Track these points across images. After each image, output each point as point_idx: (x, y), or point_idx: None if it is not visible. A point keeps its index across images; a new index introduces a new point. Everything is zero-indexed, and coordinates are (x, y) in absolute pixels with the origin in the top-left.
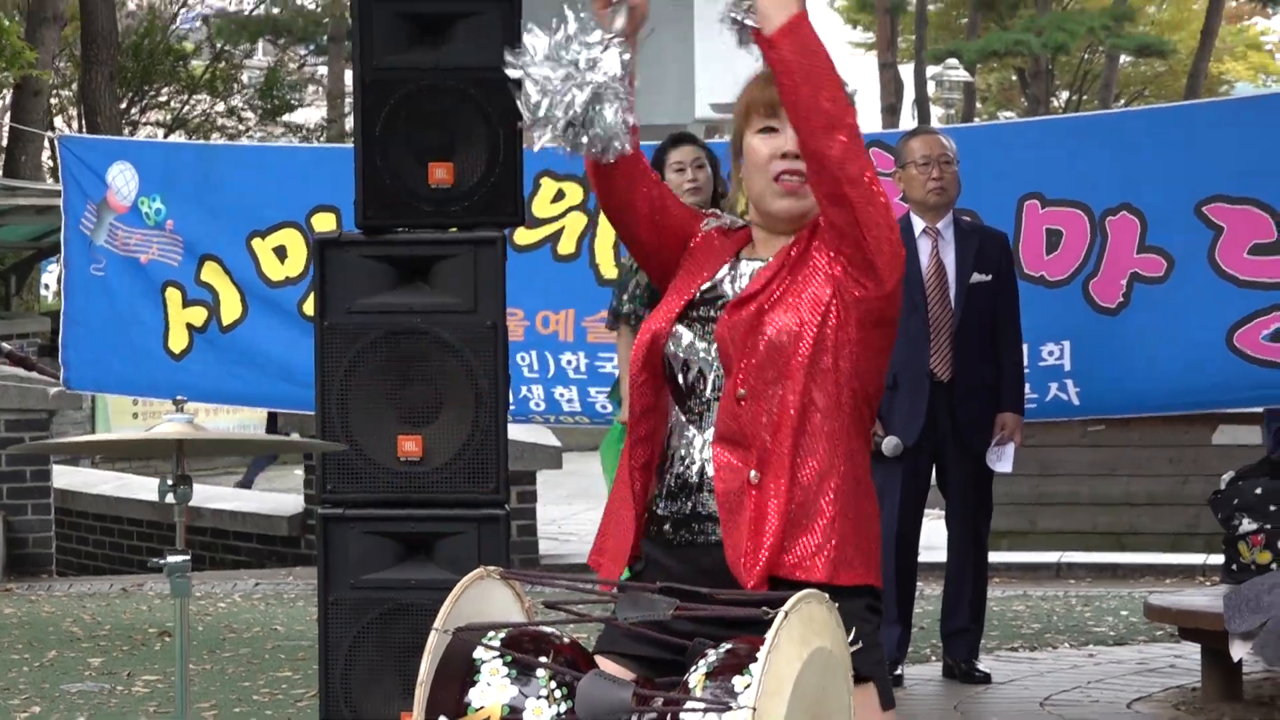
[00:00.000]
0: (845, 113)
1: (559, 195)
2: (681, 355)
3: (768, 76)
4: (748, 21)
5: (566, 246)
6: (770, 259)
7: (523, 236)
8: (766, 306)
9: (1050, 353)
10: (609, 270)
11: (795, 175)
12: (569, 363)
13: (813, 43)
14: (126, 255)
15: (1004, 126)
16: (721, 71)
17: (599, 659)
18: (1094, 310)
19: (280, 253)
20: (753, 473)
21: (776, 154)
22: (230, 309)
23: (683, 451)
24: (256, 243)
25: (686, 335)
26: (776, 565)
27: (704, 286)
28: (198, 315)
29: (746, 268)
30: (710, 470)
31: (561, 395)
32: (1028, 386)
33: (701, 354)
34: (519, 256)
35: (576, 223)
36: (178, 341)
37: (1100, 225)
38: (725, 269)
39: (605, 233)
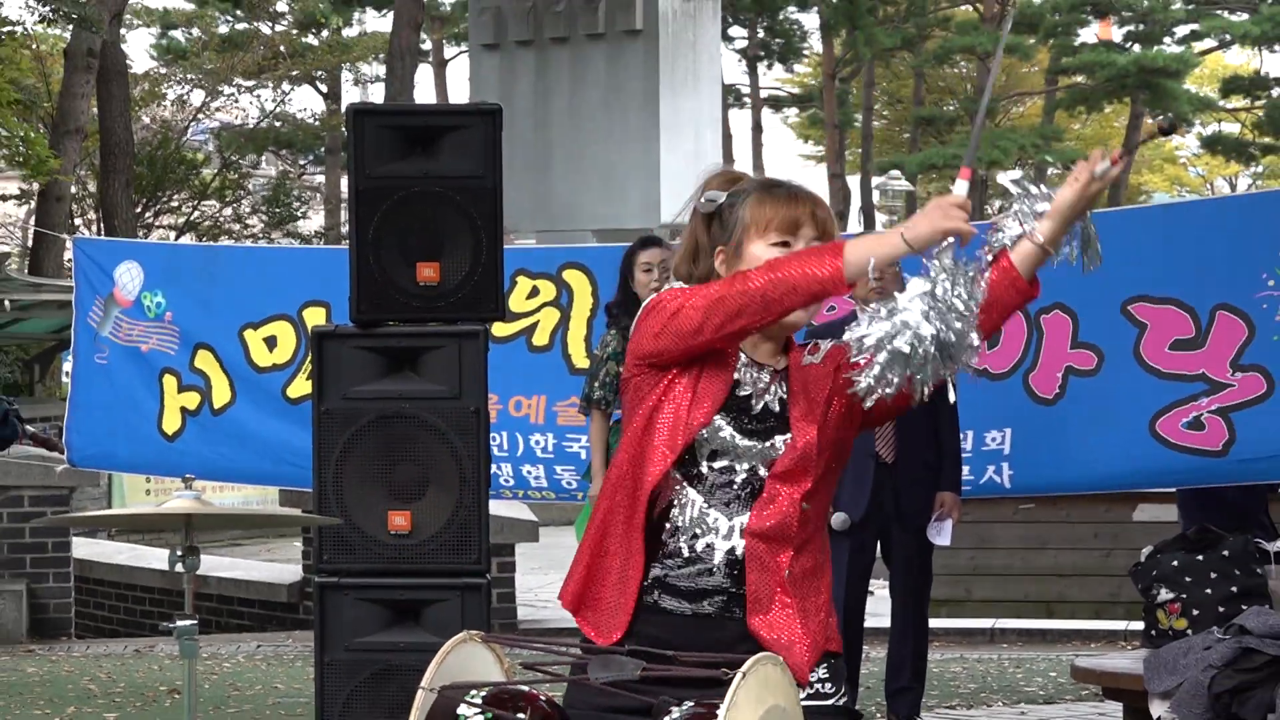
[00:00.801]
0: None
1: (534, 292)
2: (712, 446)
3: (788, 193)
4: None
5: (540, 339)
6: (786, 364)
7: (500, 329)
8: (817, 422)
9: (993, 439)
10: (580, 360)
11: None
12: (537, 442)
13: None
14: (129, 345)
15: None
16: (684, 180)
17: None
18: (1034, 401)
19: (270, 342)
20: (786, 572)
21: None
22: (220, 394)
23: (698, 530)
24: (248, 333)
25: (726, 429)
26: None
27: (731, 383)
28: (191, 399)
29: (764, 373)
30: (739, 552)
31: (529, 473)
32: (967, 468)
33: (736, 448)
34: (497, 347)
35: (550, 318)
36: (171, 423)
37: (1035, 322)
38: (742, 368)
39: (577, 326)
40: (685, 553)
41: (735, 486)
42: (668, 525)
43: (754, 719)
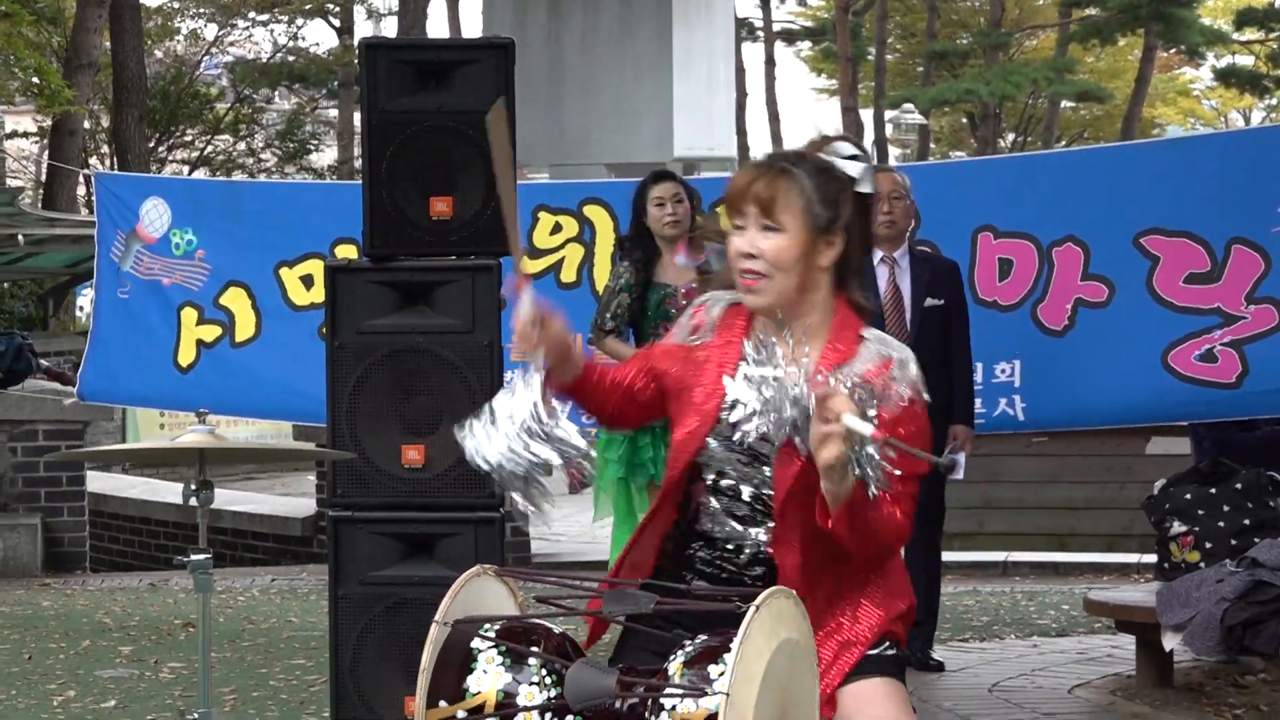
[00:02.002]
0: (898, 542)
1: (556, 228)
2: (714, 465)
3: (749, 168)
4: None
5: (568, 275)
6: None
7: (527, 266)
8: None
9: (1002, 370)
10: None
11: (751, 274)
12: None
13: (863, 524)
14: (149, 278)
15: (960, 165)
16: (697, 113)
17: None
18: (1042, 332)
19: (307, 281)
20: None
21: (739, 253)
22: (244, 329)
23: (720, 533)
24: (284, 271)
25: (719, 450)
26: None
27: (726, 400)
28: (209, 332)
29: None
30: (762, 554)
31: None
32: (979, 401)
33: (736, 468)
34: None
35: (575, 254)
36: (186, 356)
37: (1047, 255)
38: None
39: (602, 262)
40: (711, 553)
41: (745, 503)
42: (696, 527)
43: (767, 652)
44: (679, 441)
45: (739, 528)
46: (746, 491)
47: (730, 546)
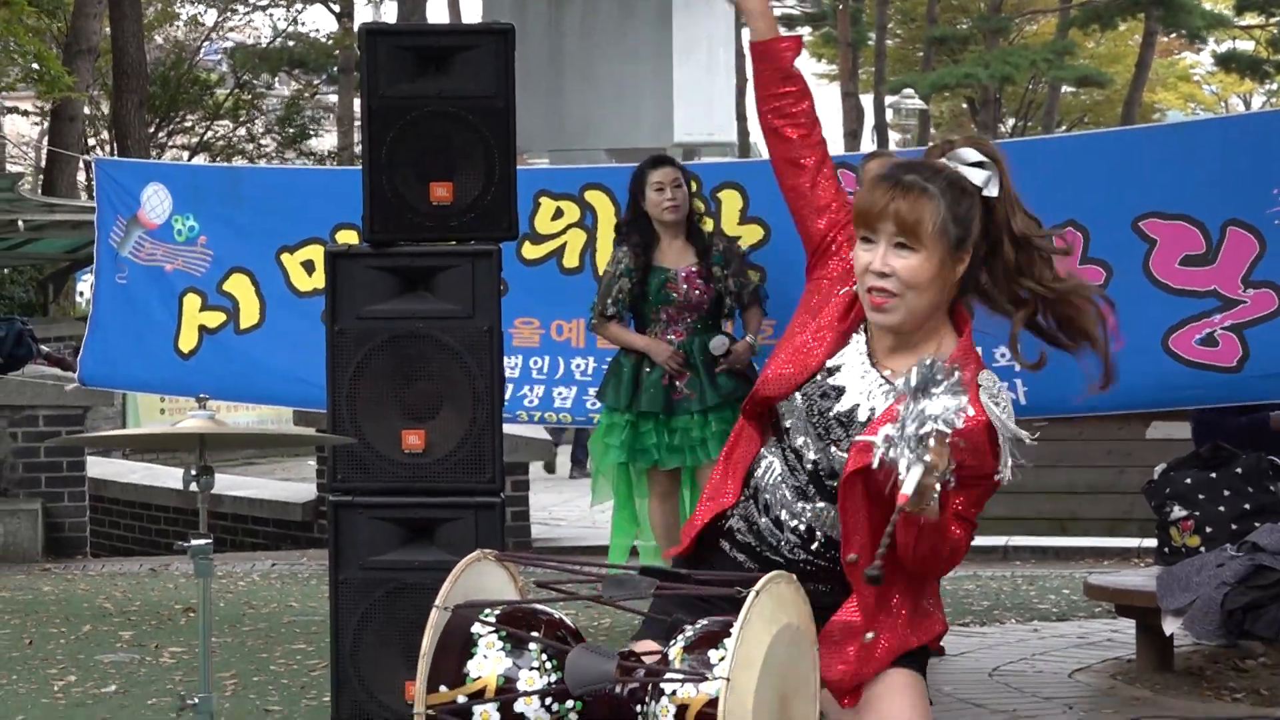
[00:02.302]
0: (953, 557)
1: (558, 213)
2: (787, 423)
3: (885, 184)
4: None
5: (570, 260)
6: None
7: (530, 251)
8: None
9: (1003, 354)
10: None
11: (882, 293)
12: (578, 366)
13: (929, 529)
14: (150, 264)
15: None
16: (697, 98)
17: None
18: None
19: (308, 266)
20: (851, 555)
21: (866, 269)
22: (249, 315)
23: (773, 500)
24: (285, 257)
25: (800, 404)
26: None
27: (829, 364)
28: (213, 318)
29: (874, 383)
30: (800, 529)
31: (559, 394)
32: None
33: (808, 432)
34: (530, 270)
35: (577, 239)
36: (188, 341)
37: None
38: (854, 360)
39: (604, 248)
40: (757, 518)
41: (805, 472)
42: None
43: (767, 637)
44: (772, 379)
45: (790, 498)
46: (809, 460)
47: (777, 530)
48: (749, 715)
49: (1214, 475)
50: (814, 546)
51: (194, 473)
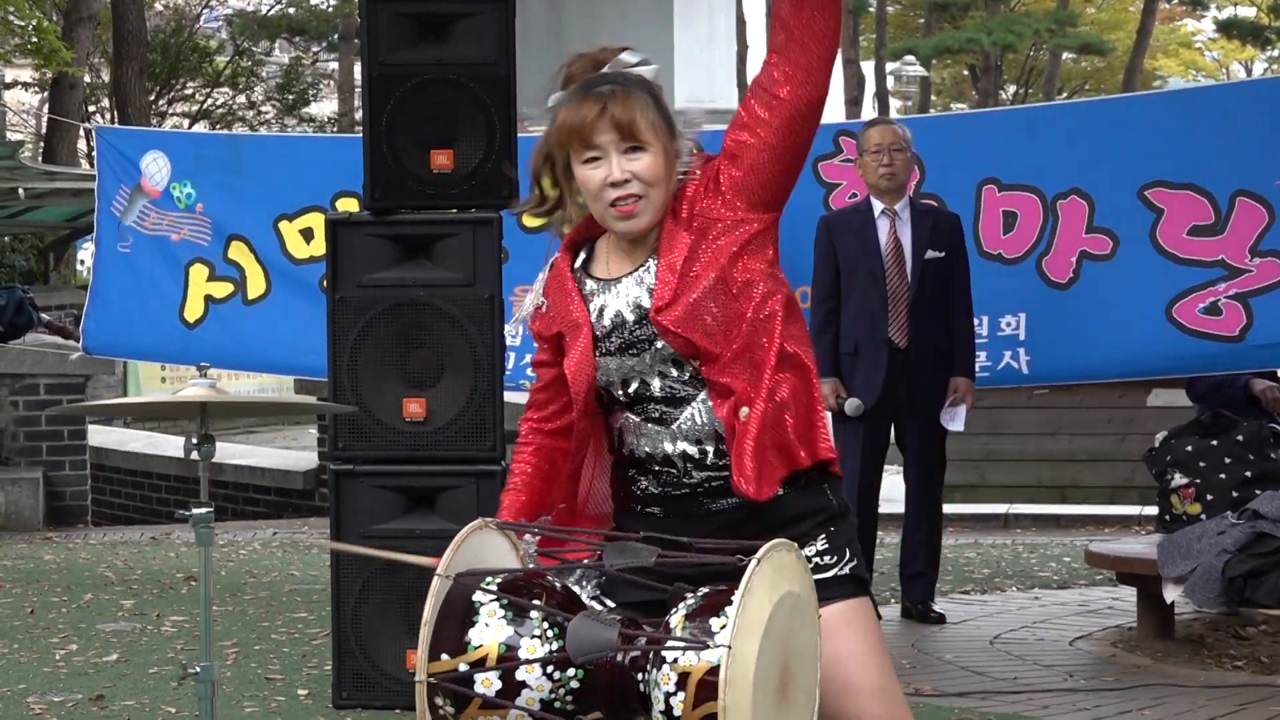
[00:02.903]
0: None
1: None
2: (614, 378)
3: (577, 99)
4: None
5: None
6: (651, 258)
7: (530, 220)
8: (693, 289)
9: (1008, 324)
10: None
11: (627, 199)
12: None
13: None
14: (155, 234)
15: (963, 117)
16: (698, 66)
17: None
18: (1047, 285)
19: (307, 234)
20: (743, 410)
21: (606, 183)
22: (255, 285)
23: (649, 448)
24: (284, 225)
25: (612, 362)
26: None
27: (595, 321)
28: (221, 289)
29: (637, 276)
30: (690, 452)
31: None
32: (984, 354)
33: (635, 367)
34: (531, 238)
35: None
36: (193, 311)
37: (1052, 207)
38: (603, 292)
39: None
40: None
41: (657, 398)
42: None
43: (769, 605)
44: (572, 375)
45: (661, 428)
46: (655, 384)
47: (671, 465)
48: (750, 683)
49: (1215, 443)
50: (709, 460)
51: (195, 441)
